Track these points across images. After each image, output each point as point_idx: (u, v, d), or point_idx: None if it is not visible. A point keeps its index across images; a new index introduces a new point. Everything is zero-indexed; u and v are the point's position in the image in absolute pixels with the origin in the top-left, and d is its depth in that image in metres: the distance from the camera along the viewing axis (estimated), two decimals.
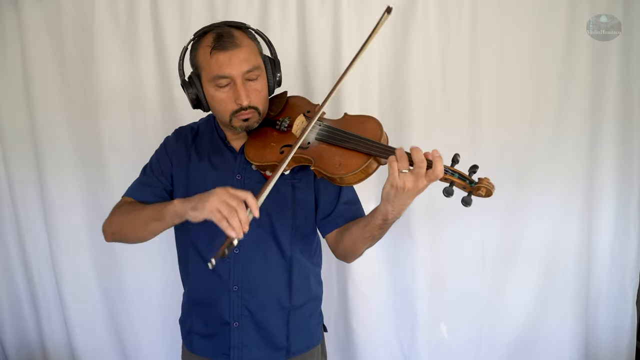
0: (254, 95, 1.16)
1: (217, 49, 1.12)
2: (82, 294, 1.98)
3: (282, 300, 1.24)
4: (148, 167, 1.32)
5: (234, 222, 0.93)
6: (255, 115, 1.18)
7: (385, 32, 1.81)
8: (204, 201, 0.98)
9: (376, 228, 1.07)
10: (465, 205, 0.94)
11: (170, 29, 1.81)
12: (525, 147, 1.90)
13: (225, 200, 0.95)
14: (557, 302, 1.98)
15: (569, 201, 1.93)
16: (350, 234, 1.16)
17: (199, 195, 1.01)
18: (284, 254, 1.23)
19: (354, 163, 1.04)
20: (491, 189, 0.95)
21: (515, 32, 1.82)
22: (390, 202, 0.99)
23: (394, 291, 1.97)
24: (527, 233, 1.95)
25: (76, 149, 1.92)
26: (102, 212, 1.84)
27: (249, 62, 1.14)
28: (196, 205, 0.99)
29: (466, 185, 0.96)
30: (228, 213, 0.94)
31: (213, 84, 1.14)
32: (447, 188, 0.95)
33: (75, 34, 1.83)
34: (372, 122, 1.11)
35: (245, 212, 0.95)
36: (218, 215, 0.95)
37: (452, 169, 0.97)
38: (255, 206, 0.96)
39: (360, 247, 1.16)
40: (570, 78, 1.86)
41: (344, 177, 1.04)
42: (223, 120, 1.20)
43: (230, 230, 0.93)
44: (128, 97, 1.86)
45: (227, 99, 1.15)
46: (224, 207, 0.95)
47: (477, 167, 0.97)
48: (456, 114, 1.86)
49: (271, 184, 1.01)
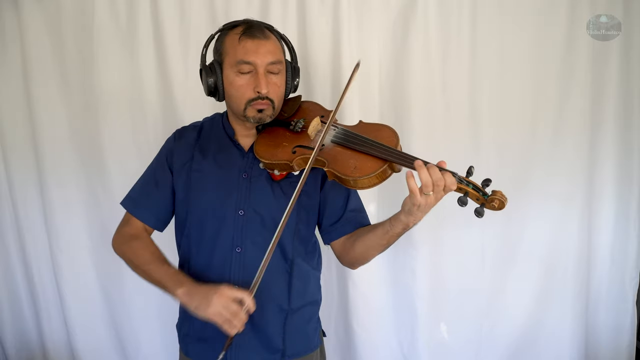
0: (272, 88, 1.18)
1: (246, 35, 1.15)
2: (82, 294, 1.98)
3: (281, 302, 1.24)
4: (149, 174, 1.31)
5: (236, 324, 1.04)
6: (269, 109, 1.19)
7: (384, 32, 1.82)
8: (205, 304, 1.05)
9: (395, 236, 1.10)
10: (478, 216, 0.97)
11: (170, 29, 1.80)
12: (525, 147, 1.90)
13: (225, 305, 1.04)
14: (557, 302, 1.97)
15: (569, 201, 1.92)
16: (364, 241, 1.17)
17: (200, 294, 1.08)
18: (285, 256, 1.23)
19: (369, 167, 1.05)
20: (504, 202, 0.96)
21: (515, 32, 1.82)
22: (412, 214, 1.01)
23: (394, 291, 1.96)
24: (527, 233, 1.94)
25: (76, 149, 1.91)
26: (102, 213, 1.92)
27: (274, 55, 1.17)
28: (198, 306, 1.07)
29: (480, 197, 0.98)
30: (230, 316, 1.04)
31: (235, 69, 1.16)
32: (461, 198, 0.97)
33: (75, 34, 1.83)
34: (388, 131, 1.13)
35: (243, 312, 1.06)
36: (220, 319, 1.05)
37: (467, 179, 0.99)
38: (251, 305, 1.06)
39: (373, 254, 1.17)
40: (570, 78, 1.86)
41: (358, 180, 1.05)
42: (237, 108, 1.20)
43: (232, 331, 1.05)
44: (128, 97, 1.85)
45: (246, 86, 1.16)
46: (225, 311, 1.04)
47: (490, 180, 0.98)
48: (456, 114, 1.86)
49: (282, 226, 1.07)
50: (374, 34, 1.80)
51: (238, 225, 1.19)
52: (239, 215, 1.19)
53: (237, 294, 1.05)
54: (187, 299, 1.09)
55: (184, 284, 1.11)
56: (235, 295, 1.05)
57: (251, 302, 1.06)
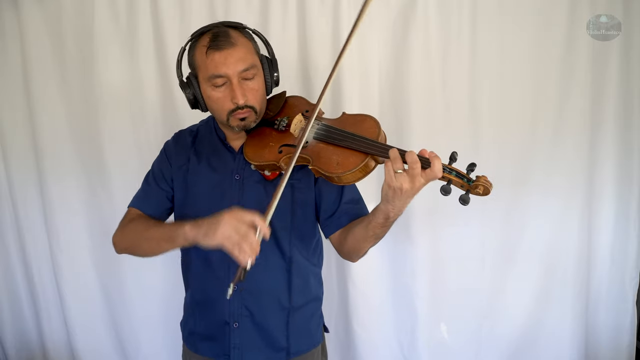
0: (250, 94, 1.16)
1: (212, 49, 1.12)
2: (82, 294, 1.98)
3: (282, 300, 1.24)
4: (150, 175, 1.32)
5: (246, 248, 0.95)
6: (252, 115, 1.18)
7: (384, 31, 1.81)
8: (214, 228, 0.98)
9: (378, 226, 1.07)
10: (463, 204, 0.94)
11: (170, 29, 1.80)
12: (525, 147, 1.89)
13: (235, 226, 0.97)
14: (557, 302, 1.97)
15: (569, 201, 1.92)
16: (354, 233, 1.16)
17: (208, 221, 1.01)
18: (283, 254, 1.23)
19: (351, 162, 1.04)
20: (489, 187, 0.94)
21: (515, 32, 1.82)
22: (389, 201, 1.00)
23: (393, 291, 1.96)
24: (527, 233, 1.94)
25: (76, 149, 1.91)
26: (102, 212, 1.92)
27: (245, 61, 1.14)
28: (207, 231, 1.00)
29: (464, 184, 0.96)
30: (239, 240, 0.96)
31: (210, 83, 1.15)
32: (444, 186, 0.95)
33: (76, 34, 1.83)
34: (370, 121, 1.11)
35: (254, 236, 0.96)
36: (229, 243, 0.96)
37: (449, 167, 0.97)
38: (265, 229, 0.97)
39: (365, 246, 1.16)
40: (570, 78, 1.85)
41: (342, 176, 1.04)
42: (220, 119, 1.21)
43: (243, 257, 0.95)
44: (128, 97, 1.86)
45: (224, 98, 1.15)
46: (234, 234, 0.96)
47: (475, 165, 0.97)
48: (456, 114, 1.86)
49: (277, 198, 1.02)
50: (374, 33, 1.79)
51: None
52: None
53: (249, 216, 0.97)
54: (196, 229, 1.03)
55: (190, 221, 1.06)
56: (246, 217, 0.97)
57: (265, 226, 0.97)
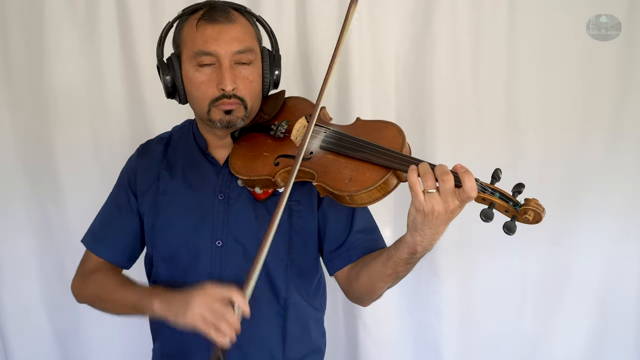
0: (242, 83, 1.06)
1: (205, 20, 1.05)
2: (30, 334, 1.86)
3: (274, 352, 1.14)
4: (110, 202, 1.24)
5: (223, 329, 0.92)
6: (240, 109, 1.08)
7: (402, 20, 1.70)
8: (185, 308, 0.96)
9: (401, 263, 0.97)
10: (507, 233, 0.86)
11: (139, 17, 1.69)
12: (575, 158, 1.78)
13: (209, 305, 0.94)
14: (615, 348, 1.85)
15: (628, 225, 1.80)
16: (368, 270, 1.05)
17: (180, 298, 0.99)
18: (277, 295, 1.13)
19: (368, 178, 0.95)
20: (541, 213, 0.86)
21: (564, 21, 1.69)
22: (418, 230, 0.89)
23: (415, 336, 1.84)
24: (578, 264, 1.83)
25: (23, 161, 1.80)
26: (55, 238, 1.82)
27: (242, 42, 1.06)
28: (177, 312, 0.97)
29: (509, 208, 0.87)
30: (214, 320, 0.93)
31: (194, 62, 1.06)
32: (485, 211, 0.87)
33: (22, 22, 1.72)
34: (392, 129, 1.03)
35: (232, 313, 0.93)
36: (204, 324, 0.94)
37: (491, 186, 0.88)
38: (244, 306, 0.94)
39: (380, 287, 1.05)
40: (630, 77, 1.72)
41: (355, 196, 0.95)
42: (200, 111, 1.10)
43: (221, 339, 0.92)
44: (87, 99, 1.76)
45: (208, 82, 1.06)
46: (208, 314, 0.93)
47: (523, 186, 0.89)
48: (490, 118, 1.76)
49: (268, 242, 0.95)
50: (390, 19, 1.69)
51: (216, 258, 1.10)
52: (216, 246, 1.11)
53: (225, 292, 0.94)
54: (166, 308, 1.00)
55: (159, 295, 1.03)
56: (222, 294, 0.94)
57: (244, 303, 0.94)
